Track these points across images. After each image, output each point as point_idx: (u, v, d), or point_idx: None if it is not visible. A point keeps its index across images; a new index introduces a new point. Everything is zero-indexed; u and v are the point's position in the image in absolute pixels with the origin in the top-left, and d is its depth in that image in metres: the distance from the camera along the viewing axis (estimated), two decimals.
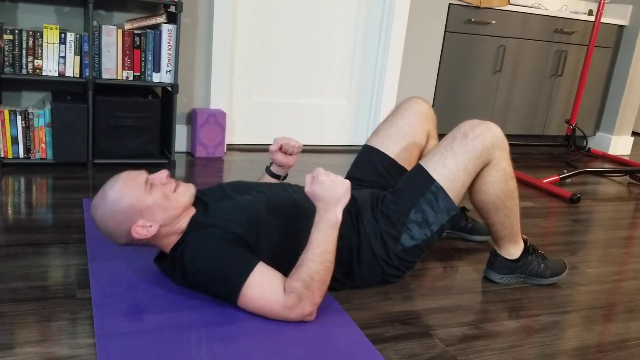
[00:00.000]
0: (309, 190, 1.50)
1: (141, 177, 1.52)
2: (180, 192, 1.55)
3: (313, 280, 1.46)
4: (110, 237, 1.54)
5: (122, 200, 1.48)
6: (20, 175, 2.50)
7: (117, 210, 1.48)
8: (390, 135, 1.96)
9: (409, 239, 1.70)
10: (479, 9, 3.60)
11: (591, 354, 1.54)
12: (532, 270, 1.90)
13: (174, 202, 1.53)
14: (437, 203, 1.69)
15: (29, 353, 1.29)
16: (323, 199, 1.49)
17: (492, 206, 1.78)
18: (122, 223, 1.49)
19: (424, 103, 2.00)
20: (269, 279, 1.46)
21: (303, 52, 3.35)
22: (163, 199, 1.51)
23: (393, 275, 1.77)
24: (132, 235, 1.50)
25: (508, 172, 1.76)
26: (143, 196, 1.49)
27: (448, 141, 1.73)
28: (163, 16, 2.75)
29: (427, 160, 1.74)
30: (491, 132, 1.70)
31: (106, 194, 1.50)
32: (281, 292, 1.45)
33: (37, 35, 2.52)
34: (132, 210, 1.48)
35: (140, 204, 1.49)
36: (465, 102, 3.78)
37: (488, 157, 1.71)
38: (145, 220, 1.50)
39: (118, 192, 1.49)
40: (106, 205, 1.49)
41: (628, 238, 2.49)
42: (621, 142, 4.32)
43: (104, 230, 1.52)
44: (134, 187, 1.50)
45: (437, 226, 1.71)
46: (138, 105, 2.73)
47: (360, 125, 3.62)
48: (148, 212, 1.50)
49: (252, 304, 1.47)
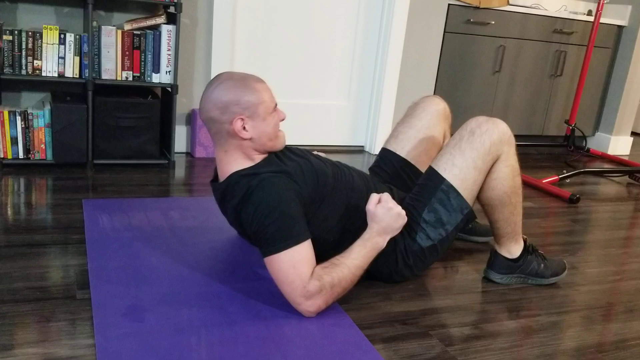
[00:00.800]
0: (372, 210, 1.58)
1: (275, 99, 1.62)
2: (282, 137, 1.64)
3: (339, 284, 1.50)
4: (209, 103, 1.56)
5: (256, 93, 1.55)
6: (20, 175, 2.50)
7: (245, 92, 1.54)
8: (410, 139, 2.00)
9: (425, 238, 1.73)
10: (479, 9, 3.60)
11: (591, 354, 1.54)
12: (532, 270, 1.90)
13: (274, 137, 1.61)
14: (450, 202, 1.71)
15: (29, 353, 1.29)
16: (381, 224, 1.58)
17: (499, 202, 1.79)
18: (237, 105, 1.54)
19: (441, 102, 2.02)
20: (307, 258, 1.49)
21: (302, 52, 3.35)
22: (273, 127, 1.59)
23: (402, 275, 1.78)
24: (229, 121, 1.54)
25: (515, 167, 1.79)
26: (269, 109, 1.57)
27: (456, 140, 1.75)
28: (162, 17, 2.75)
29: (437, 161, 1.77)
30: (498, 128, 1.73)
31: (251, 77, 1.57)
32: (308, 276, 1.47)
33: (37, 35, 2.52)
34: (253, 108, 1.55)
35: (262, 111, 1.56)
36: (464, 102, 3.78)
37: (497, 152, 1.73)
38: (249, 122, 1.55)
39: (260, 85, 1.56)
40: (242, 82, 1.54)
41: (627, 238, 2.49)
42: (620, 142, 4.32)
43: (216, 97, 1.54)
44: (270, 98, 1.58)
45: (451, 226, 1.74)
46: (138, 105, 2.73)
47: (359, 125, 3.62)
48: (258, 121, 1.56)
49: (280, 268, 1.48)
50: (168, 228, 2.04)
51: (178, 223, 2.10)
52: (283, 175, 1.55)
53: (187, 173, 2.80)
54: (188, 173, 2.80)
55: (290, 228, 1.48)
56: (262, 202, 1.49)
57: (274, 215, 1.48)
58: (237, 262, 1.83)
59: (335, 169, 1.71)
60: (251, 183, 1.54)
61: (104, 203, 2.23)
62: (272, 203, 1.49)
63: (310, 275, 1.47)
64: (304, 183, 1.58)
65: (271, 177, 1.53)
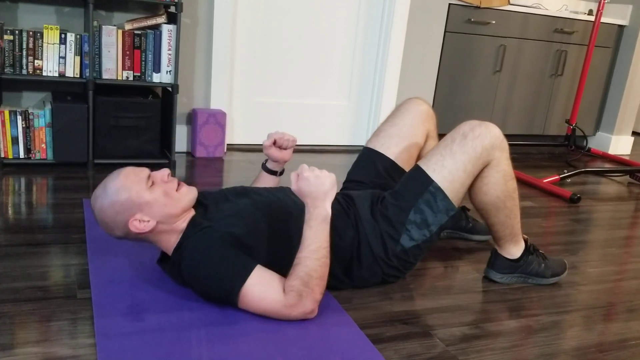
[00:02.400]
0: (295, 188, 1.51)
1: (143, 173, 1.53)
2: (183, 193, 1.56)
3: (311, 278, 1.46)
4: (107, 229, 1.54)
5: (121, 192, 1.49)
6: (21, 175, 2.50)
7: (116, 201, 1.49)
8: (391, 136, 1.97)
9: (408, 239, 1.70)
10: (479, 9, 3.60)
11: (591, 354, 1.54)
12: (532, 270, 1.90)
13: (176, 201, 1.53)
14: (436, 203, 1.69)
15: (29, 353, 1.29)
16: (310, 195, 1.49)
17: (493, 207, 1.78)
18: (120, 214, 1.50)
19: (424, 103, 2.00)
20: (267, 280, 1.46)
21: (303, 52, 3.35)
22: (164, 196, 1.52)
23: (393, 276, 1.77)
24: (129, 228, 1.51)
25: (508, 172, 1.76)
26: (143, 191, 1.50)
27: (447, 142, 1.73)
28: (163, 16, 2.75)
29: (426, 161, 1.74)
30: (490, 133, 1.70)
31: (107, 185, 1.51)
32: (280, 292, 1.45)
33: (38, 35, 2.52)
34: (131, 203, 1.49)
35: (139, 198, 1.49)
36: (465, 102, 3.78)
37: (487, 157, 1.71)
38: (143, 215, 1.50)
39: (119, 184, 1.50)
40: (106, 196, 1.50)
41: (628, 238, 2.49)
42: (621, 142, 4.32)
43: (102, 220, 1.53)
44: (135, 181, 1.51)
45: (436, 227, 1.71)
46: (138, 105, 2.73)
47: (360, 125, 3.62)
48: (147, 207, 1.50)
49: (252, 306, 1.47)
50: None
51: None
52: (202, 233, 1.51)
53: (187, 173, 2.80)
54: (189, 173, 2.80)
55: (232, 268, 1.45)
56: (194, 265, 1.48)
57: (209, 268, 1.46)
58: None
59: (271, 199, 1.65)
60: (175, 259, 1.53)
61: None
62: (201, 259, 1.47)
63: (282, 292, 1.45)
64: (231, 226, 1.53)
65: (191, 241, 1.50)
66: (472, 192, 1.79)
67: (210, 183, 2.65)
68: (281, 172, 1.94)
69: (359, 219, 1.71)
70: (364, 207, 1.73)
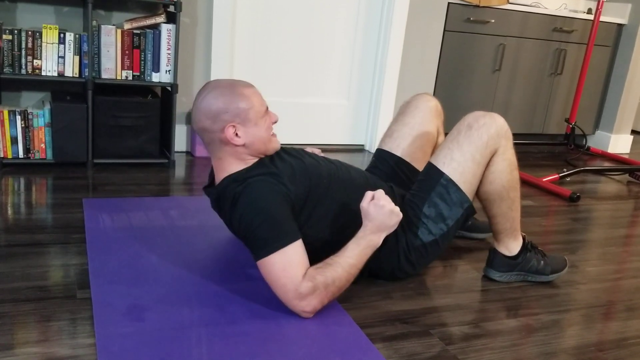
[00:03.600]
0: (365, 207, 1.55)
1: (265, 103, 1.59)
2: (275, 140, 1.63)
3: (333, 284, 1.49)
4: (200, 113, 1.55)
5: (245, 100, 1.54)
6: (20, 175, 2.50)
7: (234, 102, 1.53)
8: (404, 136, 2.01)
9: (426, 233, 1.73)
10: (478, 7, 3.60)
11: (591, 353, 1.54)
12: (531, 267, 1.90)
13: (268, 142, 1.59)
14: (450, 196, 1.72)
15: (29, 353, 1.29)
16: (375, 222, 1.55)
17: (497, 196, 1.80)
18: (227, 114, 1.53)
19: (433, 99, 2.03)
20: (298, 259, 1.47)
21: (302, 51, 3.35)
22: (266, 131, 1.58)
23: (404, 271, 1.78)
24: (221, 128, 1.53)
25: (513, 161, 1.79)
26: (261, 114, 1.56)
27: (453, 135, 1.76)
28: (162, 16, 2.75)
29: (435, 157, 1.78)
30: (496, 122, 1.74)
31: (237, 84, 1.55)
32: (300, 277, 1.46)
33: (37, 35, 2.51)
34: (244, 115, 1.54)
35: (254, 117, 1.55)
36: (464, 101, 3.78)
37: (494, 146, 1.73)
38: (241, 129, 1.54)
39: (248, 90, 1.55)
40: (231, 92, 1.53)
41: (628, 236, 2.49)
42: (620, 141, 4.32)
43: (206, 106, 1.54)
44: (261, 103, 1.57)
45: (452, 220, 1.74)
46: (137, 105, 2.73)
47: (359, 124, 3.62)
48: (250, 127, 1.55)
49: (270, 271, 1.47)
50: (168, 227, 2.04)
51: (178, 222, 2.10)
52: (270, 178, 1.54)
53: (187, 172, 2.80)
54: (188, 172, 2.80)
55: (278, 230, 1.47)
56: (248, 207, 1.50)
57: (260, 219, 1.47)
58: (237, 261, 1.83)
59: (331, 168, 1.70)
60: (237, 189, 1.54)
61: (104, 202, 2.23)
62: (257, 207, 1.49)
63: (302, 277, 1.46)
64: (293, 184, 1.56)
65: (257, 182, 1.53)
66: None
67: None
68: None
69: None
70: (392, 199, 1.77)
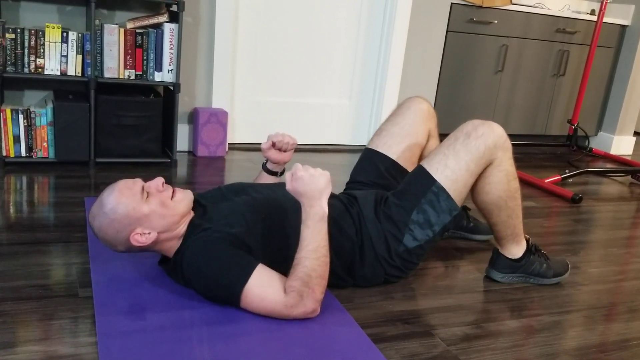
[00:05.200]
0: (290, 188, 1.49)
1: (137, 186, 1.51)
2: (178, 199, 1.54)
3: (311, 278, 1.45)
4: (110, 246, 1.54)
5: (118, 209, 1.48)
6: (22, 174, 2.50)
7: (115, 219, 1.48)
8: (393, 135, 1.97)
9: (411, 239, 1.70)
10: (481, 8, 3.59)
11: (593, 354, 1.54)
12: (534, 270, 1.89)
13: (172, 209, 1.52)
14: (439, 203, 1.69)
15: (31, 352, 1.29)
16: (305, 195, 1.48)
17: (495, 207, 1.78)
18: (120, 231, 1.49)
19: (425, 102, 2.00)
20: (268, 281, 1.46)
21: (305, 51, 3.35)
22: (160, 207, 1.51)
23: (395, 276, 1.77)
24: (131, 243, 1.50)
25: (510, 172, 1.76)
26: (140, 205, 1.49)
27: (450, 141, 1.72)
28: (165, 15, 2.75)
29: (429, 161, 1.74)
30: (494, 132, 1.70)
31: (103, 204, 1.49)
32: (281, 292, 1.45)
33: (39, 34, 2.52)
34: (129, 219, 1.48)
35: (137, 213, 1.48)
36: (467, 101, 3.78)
37: (490, 157, 1.70)
38: (143, 228, 1.50)
39: (114, 201, 1.48)
40: (104, 215, 1.49)
41: (630, 238, 2.49)
42: (623, 142, 4.32)
43: (103, 239, 1.52)
44: (130, 195, 1.49)
45: (439, 227, 1.71)
46: (140, 104, 2.73)
47: (361, 124, 3.62)
48: (146, 220, 1.49)
49: (253, 306, 1.47)
50: None
51: None
52: (201, 235, 1.51)
53: (189, 172, 2.80)
54: (190, 172, 2.80)
55: (233, 268, 1.45)
56: (193, 270, 1.49)
57: (210, 270, 1.46)
58: None
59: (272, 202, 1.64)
60: (177, 261, 1.53)
61: None
62: (200, 265, 1.47)
63: (283, 292, 1.45)
64: (229, 227, 1.52)
65: (189, 246, 1.50)
66: (474, 192, 1.79)
67: (212, 182, 2.65)
68: (281, 173, 1.94)
69: (363, 218, 1.70)
70: (368, 207, 1.73)
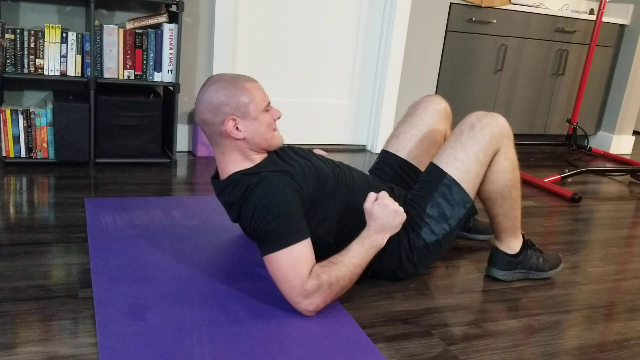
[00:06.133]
0: (369, 208, 1.57)
1: (268, 98, 1.60)
2: (277, 136, 1.63)
3: (337, 283, 1.49)
4: (202, 106, 1.56)
5: (246, 94, 1.54)
6: (22, 174, 2.50)
7: (234, 94, 1.54)
8: (411, 138, 2.02)
9: (429, 233, 1.74)
10: (480, 8, 3.60)
11: (592, 353, 1.54)
12: (532, 265, 1.91)
13: (270, 137, 1.60)
14: (452, 196, 1.72)
15: (31, 352, 1.30)
16: (379, 221, 1.56)
17: (500, 195, 1.81)
18: (229, 106, 1.54)
19: (442, 102, 2.03)
20: (306, 257, 1.48)
21: (304, 51, 3.35)
22: (267, 126, 1.58)
23: (406, 272, 1.78)
24: (222, 122, 1.54)
25: (514, 161, 1.81)
26: (261, 108, 1.56)
27: (456, 135, 1.76)
28: (164, 15, 2.75)
29: (438, 157, 1.79)
30: (498, 122, 1.75)
31: (239, 78, 1.56)
32: (306, 275, 1.47)
33: (39, 34, 2.52)
34: (244, 108, 1.54)
35: (253, 111, 1.55)
36: (466, 101, 3.78)
37: (497, 145, 1.75)
38: (241, 122, 1.55)
39: (249, 87, 1.55)
40: (232, 85, 1.54)
41: (629, 237, 2.49)
42: (622, 141, 4.32)
43: (207, 99, 1.55)
44: (262, 97, 1.57)
45: (455, 220, 1.75)
46: (139, 104, 2.73)
47: (361, 124, 3.62)
48: (250, 121, 1.55)
49: (279, 266, 1.48)
50: (170, 227, 2.05)
51: (180, 222, 2.10)
52: (283, 175, 1.55)
53: (188, 172, 2.80)
54: (190, 172, 2.80)
55: (290, 227, 1.48)
56: (262, 201, 1.50)
57: (273, 213, 1.48)
58: (239, 261, 1.84)
59: (336, 169, 1.71)
60: (251, 181, 1.55)
61: (105, 202, 2.23)
62: (271, 202, 1.49)
63: (308, 274, 1.47)
64: (304, 183, 1.58)
65: (271, 176, 1.53)
66: (481, 181, 1.81)
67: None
68: None
69: None
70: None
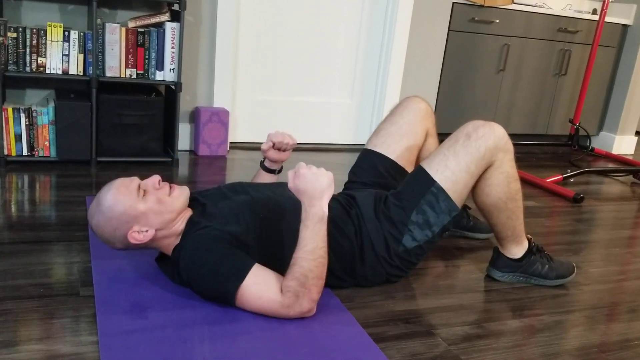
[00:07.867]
0: (292, 186, 1.50)
1: (133, 184, 1.52)
2: (175, 196, 1.55)
3: (307, 278, 1.45)
4: (108, 243, 1.55)
5: (116, 207, 1.49)
6: (24, 172, 2.50)
7: (112, 217, 1.49)
8: (391, 134, 1.97)
9: (410, 239, 1.70)
10: (483, 7, 3.59)
11: (594, 354, 1.54)
12: (535, 271, 1.89)
13: (169, 206, 1.53)
14: (438, 204, 1.69)
15: (32, 350, 1.30)
16: (306, 193, 1.47)
17: (494, 208, 1.78)
18: (118, 229, 1.50)
19: (423, 102, 2.01)
20: (264, 280, 1.46)
21: (306, 50, 3.35)
22: (157, 204, 1.52)
23: (395, 275, 1.77)
24: (128, 241, 1.51)
25: (511, 174, 1.75)
26: (136, 202, 1.50)
27: (451, 142, 1.72)
28: (167, 14, 2.75)
29: (428, 162, 1.73)
30: (494, 134, 1.69)
31: (100, 202, 1.51)
32: (278, 292, 1.45)
33: (41, 33, 2.52)
34: (127, 217, 1.49)
35: (133, 210, 1.49)
36: (468, 101, 3.78)
37: (491, 158, 1.70)
38: (140, 226, 1.50)
39: (111, 199, 1.49)
40: (101, 213, 1.50)
41: (631, 238, 2.49)
42: (625, 142, 4.31)
43: (102, 236, 1.53)
44: (127, 193, 1.50)
45: (438, 227, 1.71)
46: (141, 103, 2.73)
47: (363, 123, 3.62)
48: (143, 218, 1.50)
49: (249, 304, 1.47)
50: None
51: None
52: (202, 231, 1.51)
53: (190, 171, 2.80)
54: (191, 171, 2.80)
55: (229, 267, 1.45)
56: (191, 265, 1.49)
57: (207, 267, 1.46)
58: None
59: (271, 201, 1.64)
60: (174, 258, 1.54)
61: None
62: (198, 260, 1.47)
63: (279, 291, 1.45)
64: (232, 224, 1.53)
65: (188, 241, 1.51)
66: (474, 192, 1.79)
67: (213, 181, 2.66)
68: (279, 171, 1.95)
69: (362, 219, 1.70)
70: (367, 207, 1.73)
